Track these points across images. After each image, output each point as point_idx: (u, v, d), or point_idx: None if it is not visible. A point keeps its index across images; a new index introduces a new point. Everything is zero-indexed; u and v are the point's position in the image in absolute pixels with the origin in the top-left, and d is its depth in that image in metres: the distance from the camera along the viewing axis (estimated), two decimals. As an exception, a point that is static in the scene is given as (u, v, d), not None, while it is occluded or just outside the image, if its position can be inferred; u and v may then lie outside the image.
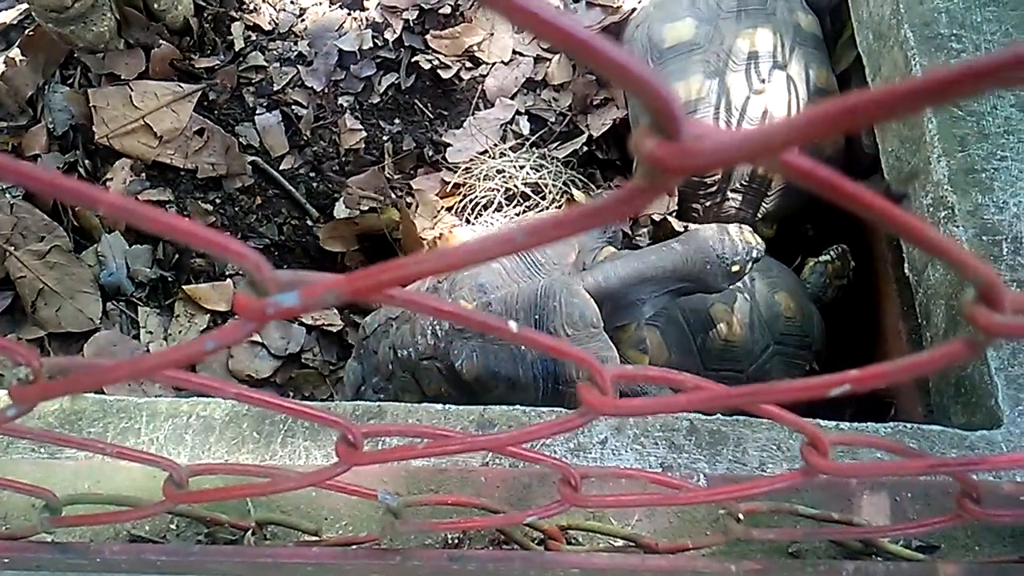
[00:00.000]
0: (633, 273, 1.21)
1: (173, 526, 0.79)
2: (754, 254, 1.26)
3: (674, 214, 1.53)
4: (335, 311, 1.65)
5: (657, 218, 1.53)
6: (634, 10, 1.72)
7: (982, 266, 0.30)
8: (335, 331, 1.63)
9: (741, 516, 0.65)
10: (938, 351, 0.31)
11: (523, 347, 1.17)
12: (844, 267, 1.47)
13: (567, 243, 1.27)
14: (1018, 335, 0.30)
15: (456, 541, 0.77)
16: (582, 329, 1.17)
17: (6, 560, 0.68)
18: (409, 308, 0.32)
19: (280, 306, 0.29)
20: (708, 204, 1.54)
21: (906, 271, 1.24)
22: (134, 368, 0.34)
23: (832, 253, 1.47)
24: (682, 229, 1.50)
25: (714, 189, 1.52)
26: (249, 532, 0.73)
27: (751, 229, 1.30)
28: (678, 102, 0.22)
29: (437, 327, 1.24)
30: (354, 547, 0.68)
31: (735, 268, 1.24)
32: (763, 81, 1.48)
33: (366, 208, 1.66)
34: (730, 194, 1.52)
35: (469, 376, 1.19)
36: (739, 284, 1.36)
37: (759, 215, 1.54)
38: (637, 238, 1.53)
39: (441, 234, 1.60)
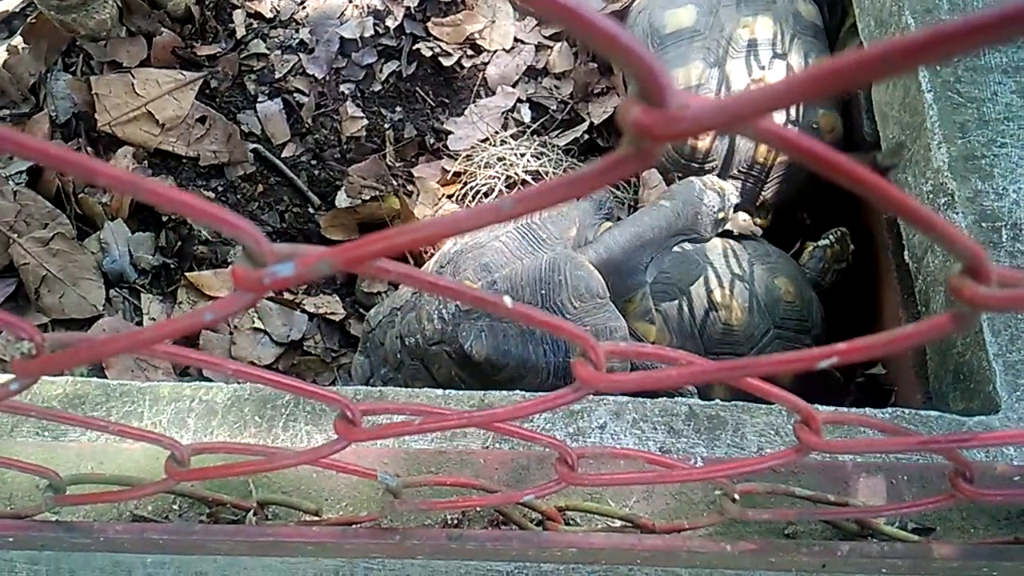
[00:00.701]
0: (633, 238, 1.23)
1: (175, 506, 0.80)
2: (732, 199, 1.35)
3: None
4: (337, 299, 1.66)
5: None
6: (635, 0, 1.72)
7: (968, 239, 0.30)
8: (337, 320, 1.64)
9: (737, 497, 0.66)
10: (925, 324, 0.32)
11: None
12: (843, 251, 1.47)
13: (567, 218, 1.28)
14: (1001, 308, 0.30)
15: (455, 521, 0.78)
16: (588, 300, 1.18)
17: (11, 539, 0.69)
18: (404, 281, 0.32)
19: (276, 276, 0.29)
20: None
21: (906, 258, 1.24)
22: (133, 340, 0.35)
23: (831, 237, 1.47)
24: None
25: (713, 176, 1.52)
26: (251, 512, 0.74)
27: (717, 178, 1.41)
28: (664, 70, 0.22)
29: (444, 311, 1.25)
30: (354, 526, 0.69)
31: (721, 215, 1.33)
32: (763, 68, 1.48)
33: (367, 197, 1.66)
34: (729, 181, 1.52)
35: (479, 357, 1.20)
36: (738, 269, 1.37)
37: (757, 203, 1.54)
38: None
39: (442, 221, 1.61)
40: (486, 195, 1.61)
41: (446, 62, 1.76)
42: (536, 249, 1.24)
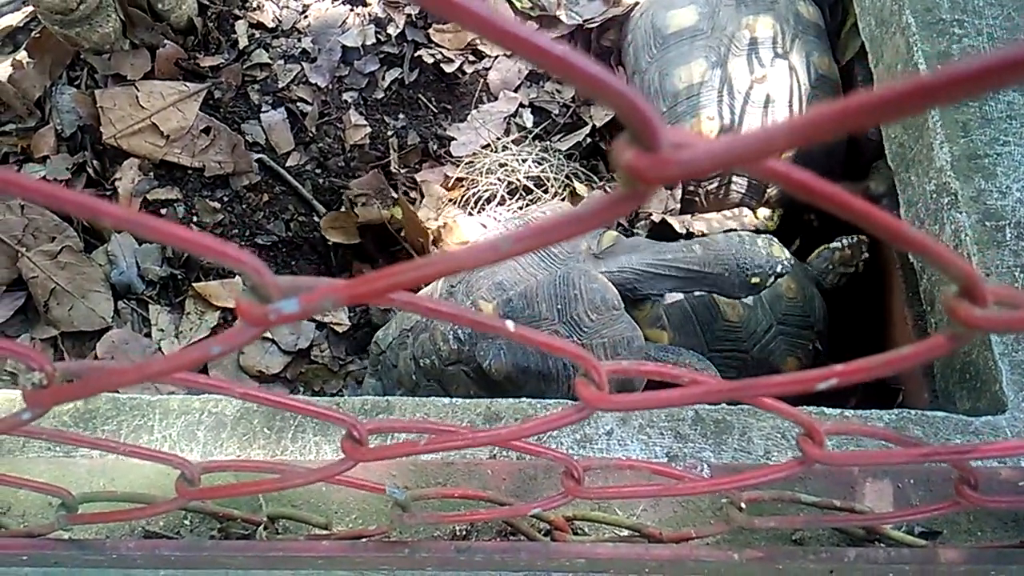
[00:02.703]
0: (648, 269, 1.22)
1: (187, 522, 0.80)
2: (778, 269, 1.20)
3: (674, 212, 1.54)
4: (344, 308, 1.66)
5: (657, 219, 1.54)
6: (637, 3, 1.72)
7: (961, 261, 0.31)
8: (341, 331, 1.64)
9: (744, 505, 0.66)
10: (920, 345, 0.32)
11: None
12: (854, 256, 1.46)
13: None
14: (996, 329, 0.30)
15: (464, 533, 0.78)
16: (605, 312, 1.18)
17: (24, 557, 0.70)
18: (408, 310, 0.33)
19: (281, 312, 0.30)
20: (712, 188, 1.54)
21: (911, 257, 1.24)
22: (143, 372, 0.35)
23: (844, 241, 1.46)
24: (681, 230, 1.50)
25: (718, 173, 1.52)
26: (261, 527, 0.75)
27: (780, 243, 1.24)
28: (655, 113, 0.23)
29: (459, 331, 1.25)
30: (363, 540, 0.70)
31: (755, 280, 1.19)
32: (764, 67, 1.48)
33: (362, 204, 1.67)
34: (735, 179, 1.52)
35: (499, 375, 1.20)
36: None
37: (763, 199, 1.54)
38: (635, 230, 1.54)
39: (445, 223, 1.61)
40: (488, 201, 1.61)
41: (448, 68, 1.76)
42: (549, 265, 1.24)
